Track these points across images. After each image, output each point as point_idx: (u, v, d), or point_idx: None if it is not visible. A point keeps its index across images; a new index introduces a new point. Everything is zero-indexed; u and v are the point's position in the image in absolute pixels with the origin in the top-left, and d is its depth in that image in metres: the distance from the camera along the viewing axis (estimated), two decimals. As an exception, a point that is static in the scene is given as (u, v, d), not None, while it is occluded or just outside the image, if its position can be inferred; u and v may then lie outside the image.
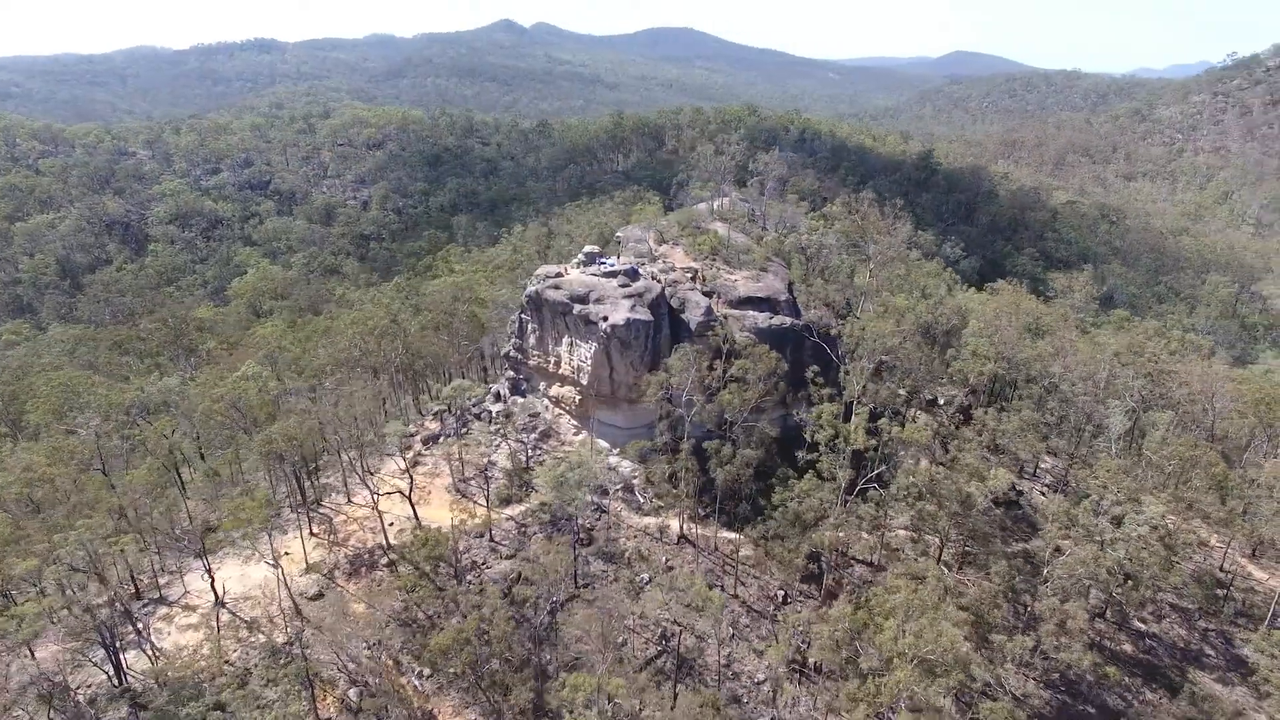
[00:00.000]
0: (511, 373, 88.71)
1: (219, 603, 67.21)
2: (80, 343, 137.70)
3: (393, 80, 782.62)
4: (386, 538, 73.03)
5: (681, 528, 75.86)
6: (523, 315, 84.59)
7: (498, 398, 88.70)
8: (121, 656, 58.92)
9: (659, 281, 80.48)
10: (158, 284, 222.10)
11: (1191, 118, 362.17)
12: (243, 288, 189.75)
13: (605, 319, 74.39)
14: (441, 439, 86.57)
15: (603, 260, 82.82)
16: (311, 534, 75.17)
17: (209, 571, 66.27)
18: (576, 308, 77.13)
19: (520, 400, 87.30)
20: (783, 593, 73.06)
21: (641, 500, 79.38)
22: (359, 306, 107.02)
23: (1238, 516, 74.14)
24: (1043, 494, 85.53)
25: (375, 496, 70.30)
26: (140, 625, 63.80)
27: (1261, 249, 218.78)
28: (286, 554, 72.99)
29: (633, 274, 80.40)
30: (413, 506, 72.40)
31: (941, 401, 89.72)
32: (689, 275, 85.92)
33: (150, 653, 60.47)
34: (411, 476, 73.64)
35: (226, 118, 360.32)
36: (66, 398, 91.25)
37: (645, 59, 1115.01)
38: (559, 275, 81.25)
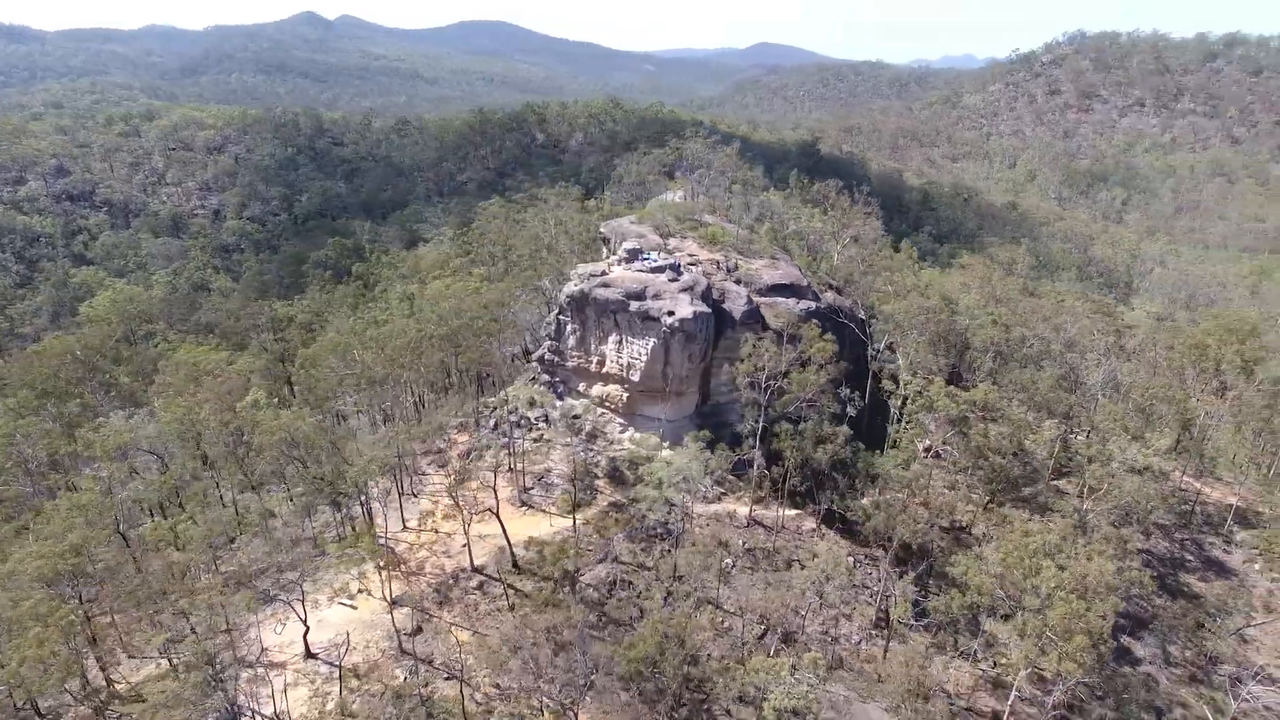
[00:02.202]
0: (546, 376, 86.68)
1: (309, 654, 61.51)
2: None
3: (191, 77, 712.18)
4: (471, 558, 69.74)
5: (751, 511, 78.46)
6: (560, 316, 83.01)
7: (532, 403, 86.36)
8: (244, 727, 52.79)
9: (705, 275, 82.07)
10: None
11: (992, 105, 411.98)
12: (99, 312, 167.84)
13: (671, 314, 75.03)
14: (478, 450, 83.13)
15: (645, 256, 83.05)
16: (379, 567, 69.99)
17: (303, 620, 60.37)
18: (633, 304, 77.05)
19: (559, 404, 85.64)
20: (852, 559, 78.08)
21: (704, 489, 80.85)
22: (358, 322, 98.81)
23: (1193, 444, 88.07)
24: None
25: (468, 515, 66.75)
26: (233, 689, 57.05)
27: (1085, 219, 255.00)
28: (361, 591, 67.85)
29: (676, 269, 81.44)
30: (500, 523, 69.52)
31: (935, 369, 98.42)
32: (715, 266, 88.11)
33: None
34: (497, 492, 70.56)
35: (16, 118, 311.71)
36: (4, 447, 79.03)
37: (460, 53, 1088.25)
38: (603, 274, 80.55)
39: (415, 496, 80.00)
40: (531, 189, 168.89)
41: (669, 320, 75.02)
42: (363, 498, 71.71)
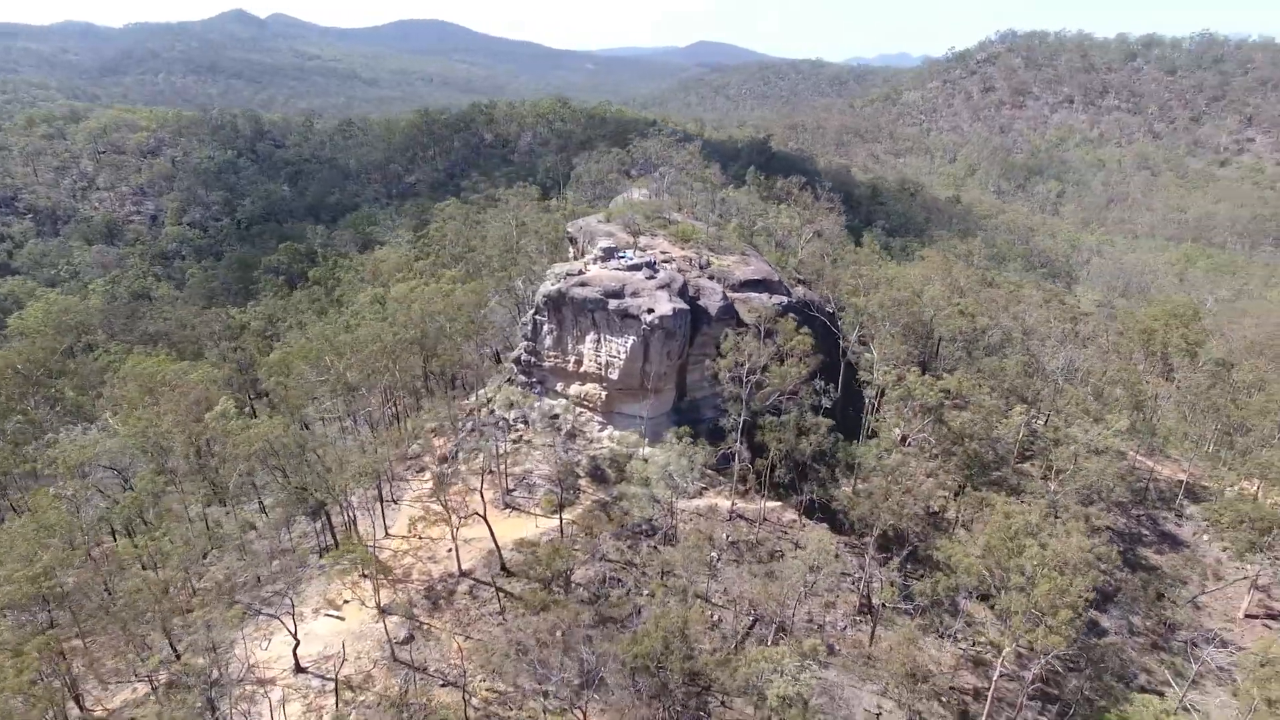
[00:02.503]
0: (523, 377, 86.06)
1: (299, 669, 60.04)
2: None
3: (113, 76, 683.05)
4: (459, 563, 68.97)
5: (732, 505, 79.32)
6: (537, 316, 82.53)
7: (511, 404, 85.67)
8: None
9: (680, 272, 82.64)
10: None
11: (930, 102, 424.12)
12: (31, 323, 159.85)
13: (650, 311, 75.30)
14: (459, 454, 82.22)
15: (621, 255, 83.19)
16: (363, 575, 68.63)
17: (293, 633, 58.91)
18: (612, 303, 77.09)
19: (537, 404, 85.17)
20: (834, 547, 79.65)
21: (684, 485, 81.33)
22: (333, 325, 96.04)
23: (1144, 425, 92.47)
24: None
25: (458, 520, 66.01)
26: (230, 709, 55.28)
27: (1025, 212, 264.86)
28: (347, 602, 66.48)
29: (652, 266, 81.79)
30: (489, 526, 68.92)
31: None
32: (688, 263, 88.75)
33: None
34: (484, 495, 69.90)
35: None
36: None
37: (397, 53, 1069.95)
38: (580, 273, 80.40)
39: (395, 503, 78.72)
40: (488, 190, 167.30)
41: (649, 318, 75.29)
42: (345, 506, 70.18)
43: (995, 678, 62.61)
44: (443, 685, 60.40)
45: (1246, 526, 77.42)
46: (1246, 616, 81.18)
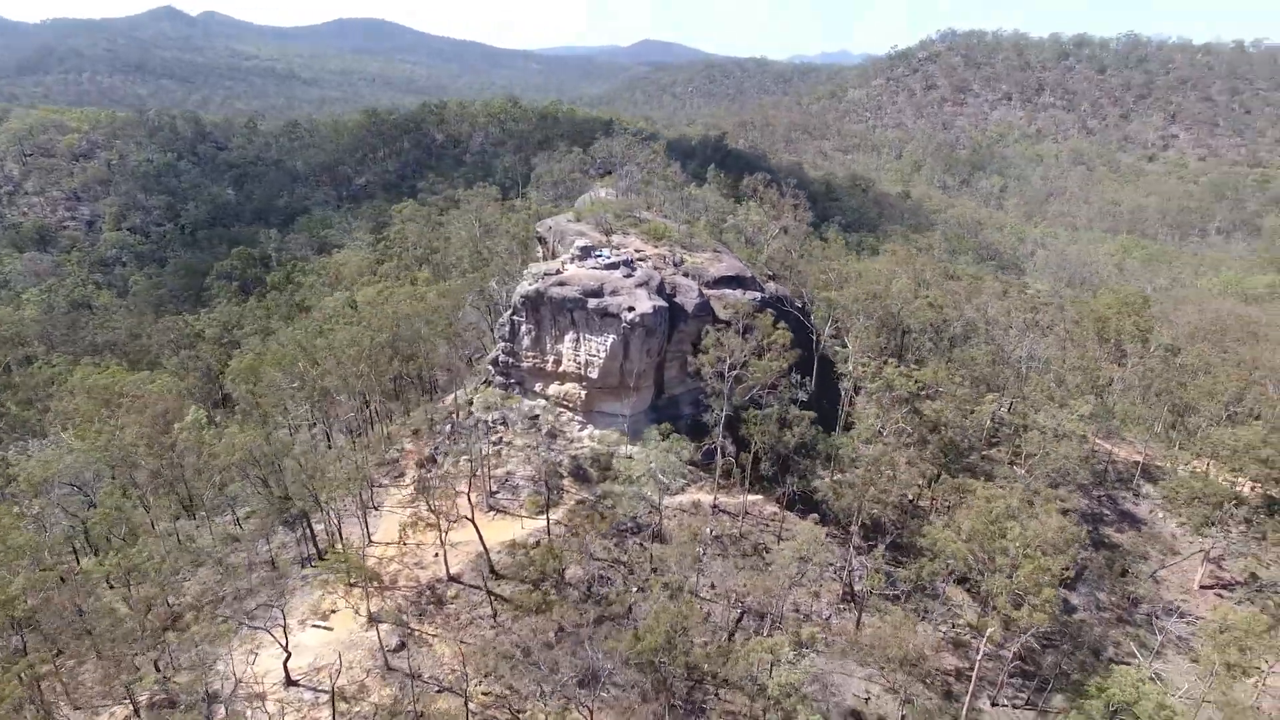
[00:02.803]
0: (501, 378, 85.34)
1: (290, 682, 58.61)
2: None
3: (32, 75, 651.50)
4: (447, 567, 68.10)
5: (715, 499, 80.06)
6: (515, 317, 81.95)
7: (489, 406, 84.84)
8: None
9: (656, 269, 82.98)
10: None
11: (875, 99, 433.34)
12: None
13: (631, 309, 75.47)
14: (439, 457, 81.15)
15: (598, 253, 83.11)
16: (350, 584, 67.28)
17: (285, 646, 57.44)
18: (592, 301, 77.03)
19: (516, 405, 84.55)
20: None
21: (667, 481, 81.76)
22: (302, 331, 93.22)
23: (1102, 409, 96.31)
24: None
25: (446, 524, 65.19)
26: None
27: (972, 206, 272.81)
28: (335, 612, 65.08)
29: (629, 264, 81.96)
30: (477, 529, 68.23)
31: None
32: (663, 260, 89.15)
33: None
34: (471, 499, 69.14)
35: None
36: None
37: (337, 52, 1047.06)
38: (558, 272, 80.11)
39: (376, 509, 77.35)
40: (446, 190, 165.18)
41: (629, 316, 75.46)
42: (329, 514, 68.70)
43: (979, 658, 64.56)
44: (439, 691, 59.68)
45: (1200, 502, 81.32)
46: (1201, 588, 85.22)
